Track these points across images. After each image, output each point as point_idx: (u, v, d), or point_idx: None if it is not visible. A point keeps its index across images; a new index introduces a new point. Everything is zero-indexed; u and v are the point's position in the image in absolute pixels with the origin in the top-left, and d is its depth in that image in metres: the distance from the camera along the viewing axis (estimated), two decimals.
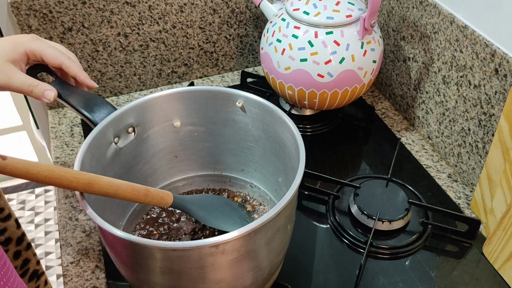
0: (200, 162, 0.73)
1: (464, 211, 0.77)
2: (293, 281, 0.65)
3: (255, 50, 1.07)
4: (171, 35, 0.97)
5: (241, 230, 0.47)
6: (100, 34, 0.92)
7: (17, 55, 0.60)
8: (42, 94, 0.60)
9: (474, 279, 0.67)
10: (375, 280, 0.67)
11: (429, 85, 0.85)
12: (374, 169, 0.85)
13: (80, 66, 0.64)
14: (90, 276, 0.68)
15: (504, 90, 0.69)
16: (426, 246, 0.72)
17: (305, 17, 0.79)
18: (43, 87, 0.60)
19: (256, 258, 0.53)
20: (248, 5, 0.99)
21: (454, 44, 0.77)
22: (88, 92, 0.64)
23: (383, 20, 0.94)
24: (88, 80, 0.63)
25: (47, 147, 1.15)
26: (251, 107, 0.65)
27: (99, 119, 0.61)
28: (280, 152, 0.64)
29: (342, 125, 0.94)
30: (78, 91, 0.64)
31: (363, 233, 0.72)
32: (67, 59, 0.62)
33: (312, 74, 0.80)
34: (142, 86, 1.02)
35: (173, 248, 0.48)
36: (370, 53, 0.81)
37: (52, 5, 0.86)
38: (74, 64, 0.63)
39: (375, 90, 1.03)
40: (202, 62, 1.04)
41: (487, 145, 0.75)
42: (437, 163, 0.86)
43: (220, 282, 0.52)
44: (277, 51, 0.82)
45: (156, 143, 0.69)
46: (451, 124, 0.82)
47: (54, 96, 0.60)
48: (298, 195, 0.59)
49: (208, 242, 0.47)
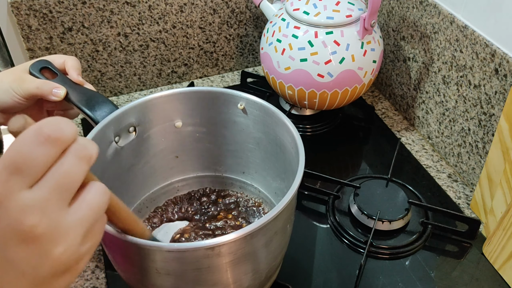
0: (201, 163, 0.73)
1: (464, 211, 0.77)
2: (293, 281, 0.65)
3: (255, 50, 1.07)
4: (171, 35, 0.97)
5: (238, 233, 0.47)
6: (100, 34, 0.92)
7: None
8: (50, 92, 0.60)
9: (474, 279, 0.67)
10: (375, 280, 0.67)
11: (429, 85, 0.85)
12: (374, 169, 0.85)
13: (79, 66, 0.64)
14: (90, 276, 0.68)
15: (504, 90, 0.69)
16: (426, 246, 0.72)
17: (305, 17, 0.79)
18: (51, 85, 0.60)
19: (253, 261, 0.53)
20: (248, 5, 0.99)
21: (454, 44, 0.77)
22: (90, 90, 0.64)
23: (383, 20, 0.94)
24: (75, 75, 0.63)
25: None
26: (252, 109, 0.65)
27: (100, 117, 0.61)
28: (281, 155, 0.64)
29: (342, 125, 0.94)
30: (80, 88, 0.64)
31: (363, 233, 0.72)
32: (69, 57, 0.64)
33: (312, 74, 0.80)
34: (142, 86, 1.02)
35: (168, 250, 0.48)
36: (370, 53, 0.81)
37: (52, 5, 0.86)
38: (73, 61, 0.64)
39: (375, 90, 1.03)
40: (202, 62, 1.04)
41: (487, 145, 0.75)
42: (437, 163, 0.86)
43: (217, 285, 0.52)
44: (277, 51, 0.82)
45: (157, 143, 0.68)
46: (451, 124, 0.82)
47: (63, 94, 0.60)
48: (298, 195, 0.59)
49: (204, 244, 0.47)
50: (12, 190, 0.28)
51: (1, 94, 0.59)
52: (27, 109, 0.63)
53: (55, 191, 0.29)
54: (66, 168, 0.30)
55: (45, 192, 0.29)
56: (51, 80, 0.62)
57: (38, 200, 0.28)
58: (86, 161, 0.31)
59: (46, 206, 0.29)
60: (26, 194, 0.28)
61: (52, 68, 0.64)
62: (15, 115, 0.65)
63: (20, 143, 0.28)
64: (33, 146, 0.28)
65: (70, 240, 0.30)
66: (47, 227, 0.28)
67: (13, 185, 0.28)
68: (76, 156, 0.30)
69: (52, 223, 0.29)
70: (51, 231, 0.29)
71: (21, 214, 0.28)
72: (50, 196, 0.29)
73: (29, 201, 0.28)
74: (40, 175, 0.29)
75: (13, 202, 0.28)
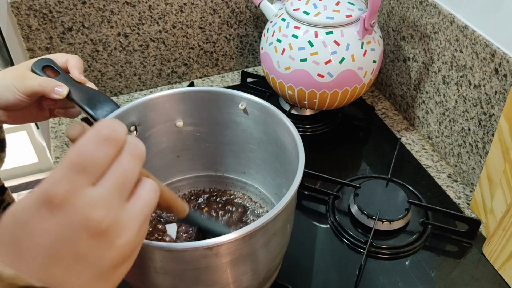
0: (202, 162, 0.73)
1: (464, 211, 0.77)
2: (293, 281, 0.65)
3: (255, 50, 1.07)
4: (171, 35, 0.97)
5: (236, 233, 0.47)
6: (100, 34, 0.92)
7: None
8: (53, 90, 0.60)
9: (474, 279, 0.67)
10: (375, 280, 0.67)
11: (429, 85, 0.85)
12: (374, 169, 0.85)
13: (81, 64, 0.64)
14: None
15: (504, 90, 0.69)
16: (426, 246, 0.72)
17: (305, 17, 0.79)
18: (53, 83, 0.60)
19: (251, 261, 0.53)
20: (248, 5, 0.99)
21: (454, 44, 0.77)
22: (91, 88, 0.64)
23: (383, 20, 0.94)
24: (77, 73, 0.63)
25: (47, 147, 1.15)
26: (253, 109, 0.65)
27: (101, 116, 0.61)
28: (281, 155, 0.64)
29: (342, 125, 0.94)
30: (82, 87, 0.64)
31: (363, 233, 0.72)
32: (71, 55, 0.64)
33: (312, 74, 0.80)
34: (142, 86, 1.03)
35: (167, 249, 0.48)
36: (370, 53, 0.81)
37: (52, 5, 0.86)
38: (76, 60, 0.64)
39: (375, 90, 1.03)
40: (202, 62, 1.04)
41: (487, 145, 0.75)
42: (437, 163, 0.86)
43: (215, 284, 0.52)
44: (277, 51, 0.82)
45: (158, 143, 0.68)
46: (451, 124, 0.82)
47: (66, 93, 0.60)
48: (298, 195, 0.59)
49: (202, 244, 0.47)
50: (79, 188, 0.30)
51: (4, 91, 0.60)
52: (29, 107, 0.63)
53: (116, 188, 0.32)
54: (124, 166, 0.32)
55: (108, 189, 0.31)
56: (53, 79, 0.62)
57: (102, 196, 0.31)
58: (139, 158, 0.34)
59: (109, 202, 0.31)
60: (91, 191, 0.31)
61: (54, 67, 0.64)
62: (16, 113, 0.65)
63: (82, 146, 0.31)
64: (95, 147, 0.31)
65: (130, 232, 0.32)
66: (111, 221, 0.31)
67: (79, 183, 0.30)
68: (131, 155, 0.33)
69: (115, 217, 0.31)
70: (114, 224, 0.31)
71: (88, 209, 0.30)
72: (112, 193, 0.31)
73: (95, 197, 0.30)
74: (102, 173, 0.31)
75: (80, 199, 0.30)
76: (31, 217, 0.30)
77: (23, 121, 0.65)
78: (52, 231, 0.30)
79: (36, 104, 0.64)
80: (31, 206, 0.30)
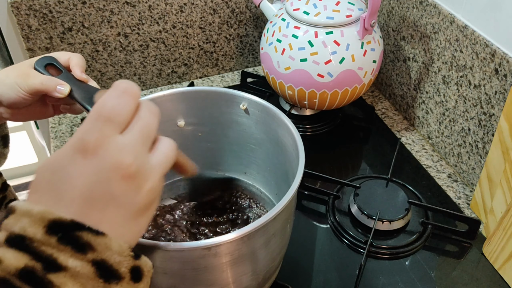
0: (203, 162, 0.73)
1: (464, 211, 0.77)
2: (293, 281, 0.65)
3: (255, 50, 1.07)
4: (171, 35, 0.97)
5: (235, 234, 0.47)
6: (100, 34, 0.92)
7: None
8: (55, 89, 0.60)
9: (474, 279, 0.67)
10: (375, 280, 0.67)
11: (429, 85, 0.86)
12: (374, 169, 0.85)
13: (84, 63, 0.64)
14: None
15: (504, 90, 0.69)
16: (426, 246, 0.72)
17: (305, 17, 0.79)
18: (55, 82, 0.60)
19: (250, 262, 0.53)
20: (248, 5, 0.99)
21: (454, 44, 0.77)
22: (93, 87, 0.64)
23: (383, 20, 0.94)
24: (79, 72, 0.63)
25: (47, 147, 1.15)
26: (254, 109, 0.65)
27: None
28: (282, 155, 0.64)
29: (342, 125, 0.94)
30: (83, 85, 0.63)
31: (363, 233, 0.72)
32: (74, 54, 0.64)
33: (312, 74, 0.80)
34: (142, 86, 1.02)
35: (165, 249, 0.48)
36: (370, 53, 0.81)
37: (52, 5, 0.86)
38: (78, 59, 0.64)
39: (375, 90, 1.03)
40: (202, 62, 1.04)
41: (487, 145, 0.75)
42: (437, 163, 0.86)
43: (214, 285, 0.52)
44: (277, 51, 0.82)
45: None
46: (451, 124, 0.82)
47: (67, 91, 0.60)
48: (298, 195, 0.59)
49: (201, 244, 0.47)
50: (108, 135, 0.33)
51: (7, 89, 0.60)
52: (33, 104, 0.63)
53: (140, 137, 0.35)
54: (145, 119, 0.36)
55: (134, 138, 0.34)
56: (55, 77, 0.62)
57: (129, 143, 0.34)
58: (156, 115, 0.38)
59: (136, 149, 0.34)
60: (120, 138, 0.34)
61: (57, 65, 0.64)
62: (19, 110, 0.65)
63: (105, 99, 0.34)
64: (116, 99, 0.34)
65: (154, 178, 0.35)
66: (138, 166, 0.34)
67: (107, 131, 0.33)
68: (149, 110, 0.37)
69: (141, 163, 0.34)
70: (141, 170, 0.34)
71: (118, 154, 0.33)
72: (138, 141, 0.35)
73: (123, 143, 0.34)
74: (127, 122, 0.35)
75: (110, 145, 0.33)
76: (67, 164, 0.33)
77: (27, 118, 0.65)
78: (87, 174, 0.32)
79: (39, 101, 0.64)
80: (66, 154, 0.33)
